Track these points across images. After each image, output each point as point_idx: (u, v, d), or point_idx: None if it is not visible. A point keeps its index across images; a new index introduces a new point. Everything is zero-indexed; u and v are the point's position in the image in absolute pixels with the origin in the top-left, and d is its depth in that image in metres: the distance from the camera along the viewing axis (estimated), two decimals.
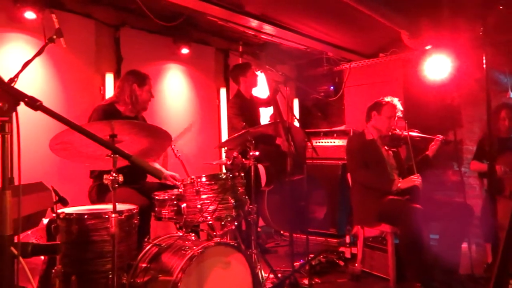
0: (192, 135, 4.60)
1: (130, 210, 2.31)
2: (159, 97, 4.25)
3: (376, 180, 3.37)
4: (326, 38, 4.95)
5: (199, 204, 2.52)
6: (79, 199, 2.81)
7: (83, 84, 3.75)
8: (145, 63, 4.09)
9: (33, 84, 3.34)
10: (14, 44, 3.27)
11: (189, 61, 4.68)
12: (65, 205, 2.27)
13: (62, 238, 2.18)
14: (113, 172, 2.05)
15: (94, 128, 2.20)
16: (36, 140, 3.00)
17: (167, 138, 2.35)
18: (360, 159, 3.43)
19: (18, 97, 0.99)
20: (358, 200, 3.50)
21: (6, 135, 0.99)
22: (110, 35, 3.95)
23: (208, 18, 4.08)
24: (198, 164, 3.65)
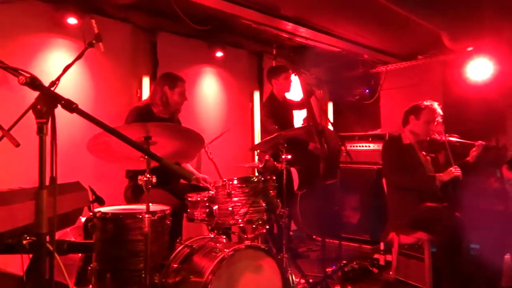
0: (226, 138, 4.63)
1: (163, 211, 2.34)
2: (194, 100, 4.31)
3: (415, 180, 3.23)
4: (362, 40, 4.86)
5: (230, 206, 2.53)
6: (115, 199, 2.89)
7: (121, 87, 3.87)
8: (180, 67, 4.16)
9: (74, 87, 3.47)
10: (56, 48, 3.42)
11: (223, 64, 4.72)
12: (101, 205, 2.34)
13: (98, 236, 2.24)
14: (146, 173, 2.09)
15: (130, 129, 2.26)
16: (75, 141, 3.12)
17: (200, 141, 2.38)
18: (397, 163, 3.33)
19: (56, 99, 1.02)
20: (394, 206, 3.40)
21: (44, 137, 1.03)
22: (146, 39, 4.04)
23: (242, 22, 4.10)
24: (231, 166, 3.67)
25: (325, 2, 3.91)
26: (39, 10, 3.30)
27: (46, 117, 1.02)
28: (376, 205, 4.46)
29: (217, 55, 4.47)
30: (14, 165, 2.91)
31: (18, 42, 3.22)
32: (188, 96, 3.36)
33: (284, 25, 4.20)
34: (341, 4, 3.90)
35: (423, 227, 3.12)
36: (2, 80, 3.02)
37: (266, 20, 4.06)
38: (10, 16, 3.16)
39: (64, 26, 3.33)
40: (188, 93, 3.37)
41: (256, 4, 3.73)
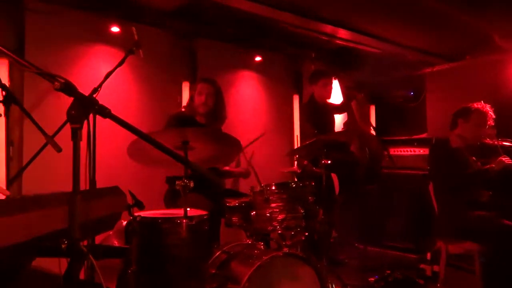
0: (265, 142, 4.60)
1: (201, 216, 2.33)
2: (232, 105, 4.32)
3: (468, 176, 3.05)
4: (406, 41, 4.68)
5: (268, 212, 2.48)
6: (155, 203, 2.92)
7: (161, 93, 3.94)
8: (218, 72, 4.18)
9: (115, 93, 3.57)
10: (99, 56, 3.53)
11: (262, 69, 4.71)
12: (141, 209, 2.36)
13: (137, 240, 2.27)
14: (184, 178, 2.10)
15: (168, 135, 2.28)
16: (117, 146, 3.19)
17: (237, 146, 2.36)
18: (446, 168, 3.15)
19: (89, 105, 1.02)
20: (442, 214, 3.22)
21: (78, 142, 1.03)
22: (185, 45, 4.10)
23: (280, 25, 4.07)
24: (270, 171, 3.63)
25: (366, 3, 3.80)
26: (83, 19, 3.42)
27: (80, 122, 1.02)
28: (422, 213, 4.25)
29: (255, 59, 4.46)
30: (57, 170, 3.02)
31: (63, 51, 3.36)
32: (227, 101, 3.36)
33: (323, 27, 4.12)
34: (384, 4, 3.77)
35: (472, 236, 2.93)
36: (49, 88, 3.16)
37: (304, 23, 4.00)
38: (56, 26, 3.30)
39: (106, 35, 3.44)
40: (226, 98, 3.37)
41: (293, 6, 3.69)
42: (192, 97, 3.26)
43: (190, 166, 1.13)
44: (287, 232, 2.60)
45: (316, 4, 3.77)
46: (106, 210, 1.49)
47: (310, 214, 2.58)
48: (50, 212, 1.15)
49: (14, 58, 1.01)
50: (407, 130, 5.63)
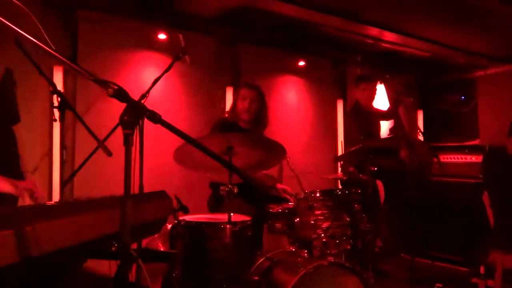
0: (308, 148, 4.55)
1: (244, 221, 2.33)
2: (275, 110, 4.31)
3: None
4: (456, 43, 4.48)
5: (312, 220, 2.43)
6: (199, 208, 2.95)
7: (206, 98, 3.99)
8: (262, 77, 4.18)
9: (163, 99, 3.66)
10: (146, 62, 3.64)
11: (305, 74, 4.67)
12: (186, 213, 2.39)
13: (181, 244, 2.29)
14: (228, 183, 2.10)
15: (213, 140, 2.30)
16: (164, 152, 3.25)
17: (281, 151, 2.34)
18: (504, 177, 2.97)
19: (141, 111, 1.03)
20: (500, 225, 3.03)
21: (130, 147, 1.04)
22: (229, 51, 4.14)
23: (324, 29, 4.01)
24: (314, 178, 3.57)
25: (414, 4, 3.67)
26: (132, 27, 3.54)
27: (132, 128, 1.03)
28: (473, 223, 4.03)
29: (299, 64, 4.43)
30: (106, 174, 3.12)
31: (113, 58, 3.49)
32: (270, 106, 3.34)
33: (369, 30, 4.03)
34: (432, 5, 3.63)
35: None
36: (99, 94, 3.28)
37: (349, 26, 3.93)
38: (107, 34, 3.44)
39: (154, 41, 3.54)
40: (269, 103, 3.36)
41: (338, 10, 3.63)
42: (235, 102, 3.27)
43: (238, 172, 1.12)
44: (331, 240, 2.53)
45: (361, 6, 3.69)
46: (154, 214, 1.51)
47: (355, 222, 2.50)
48: (102, 215, 1.17)
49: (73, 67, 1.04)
50: (457, 136, 5.37)
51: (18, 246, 0.80)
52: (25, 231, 0.82)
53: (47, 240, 0.88)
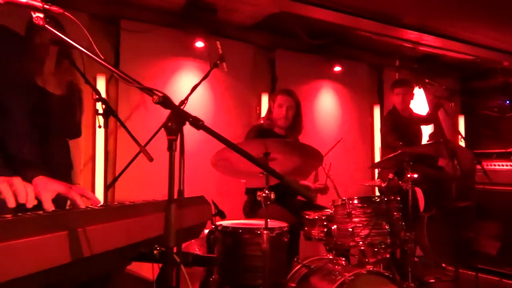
0: (344, 154, 4.49)
1: (281, 227, 2.32)
2: (312, 116, 4.29)
3: None
4: (501, 45, 4.30)
5: (350, 227, 2.40)
6: (235, 213, 2.97)
7: (242, 104, 4.03)
8: (298, 83, 4.18)
9: (200, 105, 3.72)
10: (185, 70, 3.72)
11: (342, 79, 4.62)
12: (223, 218, 2.41)
13: (219, 249, 2.31)
14: (265, 189, 2.10)
15: (250, 146, 2.31)
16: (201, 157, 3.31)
17: (318, 157, 2.32)
18: None
19: (184, 117, 1.06)
20: None
21: (173, 152, 1.07)
22: (265, 57, 4.17)
23: (361, 34, 3.97)
24: (350, 185, 3.52)
25: (455, 6, 3.56)
26: (171, 36, 3.64)
27: (176, 133, 1.06)
28: None
29: (335, 69, 4.39)
30: (149, 179, 3.20)
31: (153, 65, 3.60)
32: (306, 112, 3.33)
33: (407, 34, 3.94)
34: (474, 5, 3.51)
35: None
36: (140, 101, 3.39)
37: (387, 30, 3.87)
38: (147, 43, 3.56)
39: (192, 49, 3.62)
40: (306, 109, 3.35)
41: (375, 14, 3.58)
42: (270, 109, 3.28)
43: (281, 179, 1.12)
44: (370, 248, 2.49)
45: (399, 10, 3.62)
46: (194, 218, 1.53)
47: (395, 230, 2.44)
48: (146, 219, 1.20)
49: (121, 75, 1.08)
50: (501, 142, 5.14)
51: (70, 247, 0.84)
52: (77, 233, 0.86)
53: (96, 242, 0.92)
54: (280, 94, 3.24)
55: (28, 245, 0.73)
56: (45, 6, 1.12)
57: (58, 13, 1.14)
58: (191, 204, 1.56)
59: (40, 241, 0.76)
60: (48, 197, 1.21)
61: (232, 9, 3.58)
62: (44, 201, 1.18)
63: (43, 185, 1.26)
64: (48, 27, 1.14)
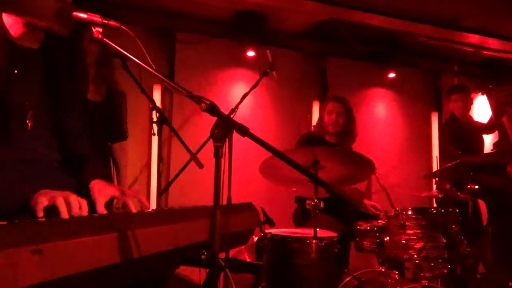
0: (399, 163, 4.34)
1: (331, 237, 2.27)
2: (364, 124, 4.19)
3: None
4: None
5: (404, 239, 2.30)
6: (284, 221, 2.96)
7: (291, 112, 4.04)
8: (350, 90, 4.11)
9: (250, 113, 3.77)
10: (236, 79, 3.81)
11: (396, 86, 4.49)
12: (272, 226, 2.41)
13: (267, 256, 2.31)
14: (314, 198, 2.08)
15: (298, 153, 2.30)
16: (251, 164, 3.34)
17: (370, 167, 2.26)
18: None
19: (230, 124, 1.08)
20: None
21: (220, 159, 1.09)
22: (316, 65, 4.15)
23: (416, 39, 3.83)
24: (405, 195, 3.38)
25: None
26: (223, 47, 3.75)
27: (222, 140, 1.08)
28: None
29: (389, 76, 4.27)
30: (201, 185, 3.28)
31: (206, 75, 3.73)
32: (358, 120, 3.26)
33: (468, 38, 3.75)
34: None
35: None
36: (193, 110, 3.49)
37: (444, 35, 3.71)
38: (200, 54, 3.70)
39: (243, 59, 3.69)
40: (358, 117, 3.28)
41: (431, 18, 3.45)
42: (321, 116, 3.24)
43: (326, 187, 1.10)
44: (425, 262, 2.37)
45: (457, 13, 3.46)
46: (241, 225, 1.55)
47: (453, 244, 2.31)
48: (194, 224, 1.23)
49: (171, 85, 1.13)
50: None
51: (120, 248, 0.88)
52: (127, 235, 0.90)
53: (145, 244, 0.95)
54: (330, 101, 3.21)
55: (81, 245, 0.77)
56: (104, 21, 1.19)
57: (115, 27, 1.21)
58: (238, 210, 1.58)
59: (92, 241, 0.80)
60: (102, 201, 1.26)
61: (283, 17, 3.61)
62: (97, 205, 1.24)
63: (99, 189, 1.32)
64: (106, 41, 1.21)
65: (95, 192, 1.30)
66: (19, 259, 0.65)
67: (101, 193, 1.29)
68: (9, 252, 0.63)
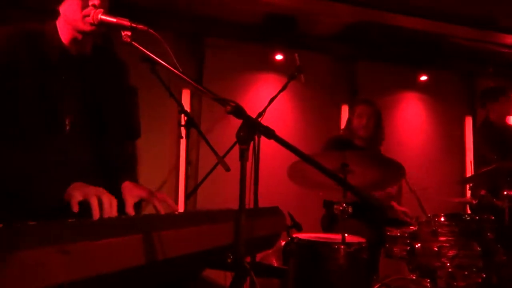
0: (431, 168, 4.22)
1: (359, 243, 2.23)
2: (394, 128, 4.11)
3: None
4: None
5: (436, 246, 2.23)
6: (312, 226, 2.92)
7: (320, 116, 4.01)
8: (380, 93, 4.05)
9: (278, 117, 3.76)
10: (264, 82, 3.82)
11: (428, 89, 4.39)
12: (299, 231, 2.39)
13: (294, 262, 2.28)
14: (343, 202, 2.05)
15: (326, 157, 2.27)
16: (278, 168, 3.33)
17: (400, 171, 2.21)
18: None
19: (256, 127, 1.07)
20: None
21: (245, 162, 1.08)
22: (345, 68, 4.10)
23: (450, 40, 3.72)
24: (436, 200, 3.28)
25: None
26: (251, 51, 3.77)
27: (247, 143, 1.07)
28: None
29: (421, 79, 4.17)
30: (228, 188, 3.28)
31: (234, 79, 3.77)
32: (389, 124, 3.20)
33: (504, 39, 3.61)
34: None
35: None
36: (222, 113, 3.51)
37: (481, 36, 3.59)
38: (229, 58, 3.74)
39: (271, 62, 3.70)
40: (389, 120, 3.22)
41: (467, 18, 3.33)
42: (350, 119, 3.19)
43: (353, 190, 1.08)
44: (459, 271, 2.28)
45: (495, 13, 3.33)
46: (267, 229, 1.53)
47: (488, 253, 2.21)
48: (219, 227, 1.23)
49: (198, 88, 1.14)
50: None
51: (145, 250, 0.89)
52: (152, 236, 0.91)
53: (170, 246, 0.96)
54: (359, 104, 3.15)
55: (107, 246, 0.78)
56: (133, 25, 1.21)
57: (143, 30, 1.23)
58: (264, 214, 1.57)
59: (118, 243, 0.81)
60: (131, 202, 1.29)
61: (313, 20, 3.59)
62: (127, 206, 1.26)
63: (129, 189, 1.36)
64: (135, 44, 1.23)
65: (125, 192, 1.33)
66: (47, 258, 0.66)
67: (130, 194, 1.32)
68: (37, 251, 0.65)
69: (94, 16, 1.24)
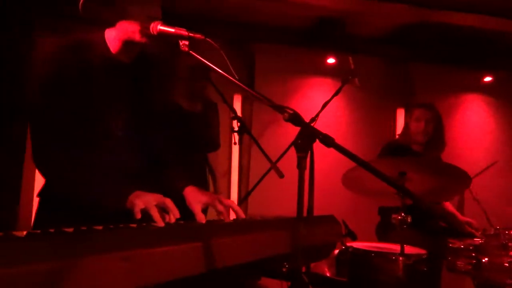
0: (497, 176, 3.95)
1: (419, 255, 2.11)
2: (456, 133, 3.91)
3: None
4: None
5: (506, 262, 2.06)
6: (366, 235, 2.82)
7: (374, 120, 3.90)
8: (439, 96, 3.87)
9: (331, 122, 3.70)
10: (315, 87, 3.77)
11: (492, 90, 4.15)
12: (353, 240, 2.31)
13: (349, 272, 2.21)
14: (401, 211, 1.95)
15: (383, 164, 2.19)
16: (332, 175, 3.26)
17: (464, 179, 2.07)
18: None
19: (314, 134, 1.04)
20: None
21: (303, 170, 1.06)
22: (399, 70, 3.98)
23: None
24: (505, 212, 3.06)
25: None
26: (302, 55, 3.75)
27: (305, 151, 1.05)
28: None
29: (484, 80, 3.94)
30: (280, 194, 3.26)
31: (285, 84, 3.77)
32: (449, 128, 3.03)
33: None
34: None
35: None
36: (273, 119, 3.50)
37: None
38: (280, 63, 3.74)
39: (323, 66, 3.66)
40: (449, 124, 3.06)
41: None
42: (407, 124, 3.06)
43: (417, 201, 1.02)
44: None
45: None
46: (322, 238, 1.50)
47: None
48: (276, 235, 1.21)
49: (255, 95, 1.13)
50: None
51: (204, 258, 0.88)
52: (211, 245, 0.90)
53: (229, 255, 0.95)
54: (417, 108, 3.01)
55: (167, 253, 0.78)
56: (190, 34, 1.23)
57: (200, 39, 1.24)
58: (320, 223, 1.53)
59: (177, 250, 0.81)
60: (199, 209, 1.27)
61: (363, 22, 3.51)
62: (196, 213, 1.25)
63: (193, 196, 1.34)
64: (192, 53, 1.24)
65: (190, 199, 1.33)
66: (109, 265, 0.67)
67: (196, 200, 1.31)
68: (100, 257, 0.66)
69: (154, 27, 1.26)
